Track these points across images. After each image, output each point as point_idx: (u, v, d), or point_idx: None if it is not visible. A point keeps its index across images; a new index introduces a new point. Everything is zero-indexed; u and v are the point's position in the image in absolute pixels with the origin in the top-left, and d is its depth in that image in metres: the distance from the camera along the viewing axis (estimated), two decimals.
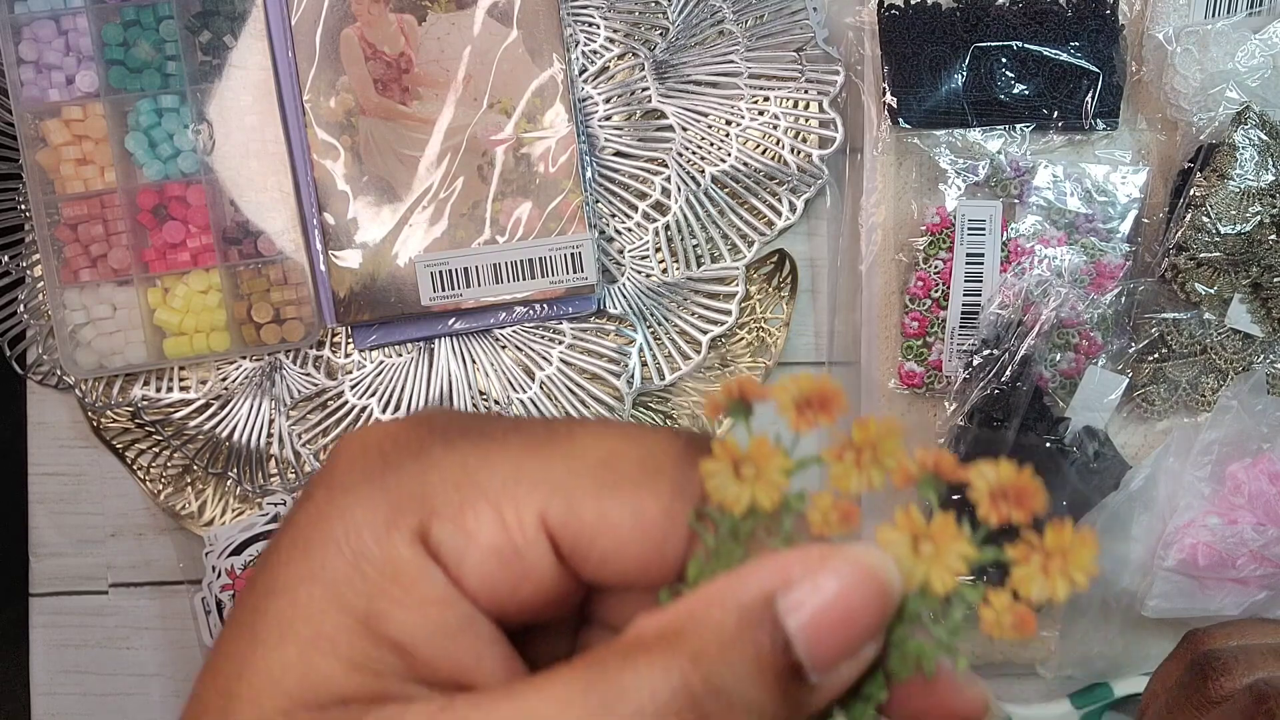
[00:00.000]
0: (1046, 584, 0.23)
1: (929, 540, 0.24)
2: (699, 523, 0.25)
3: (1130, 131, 0.58)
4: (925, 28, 0.57)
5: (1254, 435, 0.56)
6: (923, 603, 0.24)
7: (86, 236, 0.57)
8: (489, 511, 0.24)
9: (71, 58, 0.58)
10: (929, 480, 0.25)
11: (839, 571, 0.23)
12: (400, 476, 0.25)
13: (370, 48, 0.57)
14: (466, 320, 0.59)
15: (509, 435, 0.26)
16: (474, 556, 0.24)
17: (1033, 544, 0.23)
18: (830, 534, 0.24)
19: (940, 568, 0.24)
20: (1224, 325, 0.57)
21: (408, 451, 0.25)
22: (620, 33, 0.59)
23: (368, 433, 0.26)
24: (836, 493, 0.25)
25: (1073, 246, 0.57)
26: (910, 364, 0.58)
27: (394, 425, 0.26)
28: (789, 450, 0.25)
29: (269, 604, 0.24)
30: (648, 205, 0.59)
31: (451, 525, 0.24)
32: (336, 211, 0.57)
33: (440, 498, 0.25)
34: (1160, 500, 0.56)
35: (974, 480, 0.24)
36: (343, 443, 0.27)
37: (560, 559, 0.25)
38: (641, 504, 0.25)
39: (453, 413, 0.28)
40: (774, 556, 0.23)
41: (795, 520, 0.25)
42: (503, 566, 0.25)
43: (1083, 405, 0.56)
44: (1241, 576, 0.56)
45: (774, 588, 0.23)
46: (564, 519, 0.25)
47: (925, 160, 0.58)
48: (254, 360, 0.59)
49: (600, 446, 0.25)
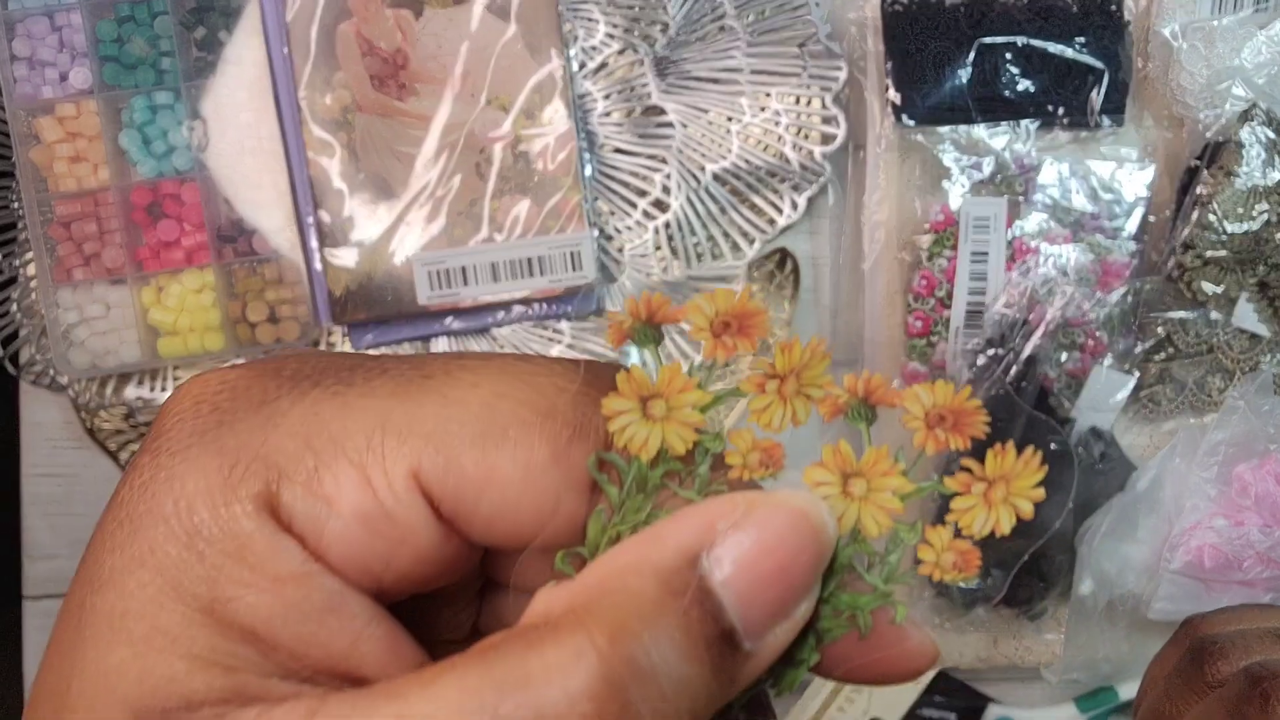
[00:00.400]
0: (989, 515, 0.21)
1: (860, 477, 0.22)
2: (601, 472, 0.22)
3: (1136, 128, 0.58)
4: (929, 23, 0.57)
5: (1261, 436, 0.55)
6: (855, 548, 0.22)
7: (80, 235, 0.57)
8: (349, 470, 0.21)
9: (65, 54, 0.57)
10: (859, 408, 0.22)
11: (768, 520, 0.20)
12: (238, 434, 0.21)
13: (366, 44, 0.57)
14: (464, 320, 0.58)
15: (372, 379, 0.22)
16: (335, 524, 0.21)
17: (973, 472, 0.21)
18: (752, 478, 0.22)
19: (873, 507, 0.21)
20: (1231, 325, 0.57)
21: (247, 403, 0.22)
22: (620, 28, 0.58)
23: (200, 382, 0.22)
24: (758, 429, 0.22)
25: (1078, 245, 0.56)
26: (914, 364, 0.57)
27: (235, 372, 0.22)
28: (704, 381, 0.22)
29: (96, 598, 0.20)
30: (648, 203, 0.59)
31: (304, 489, 0.21)
32: (332, 209, 0.57)
33: (289, 457, 0.21)
34: (1166, 502, 0.56)
35: (908, 404, 0.22)
36: (173, 397, 0.23)
37: (440, 520, 0.22)
38: (532, 452, 0.21)
39: (307, 353, 0.24)
40: (692, 509, 0.20)
41: (711, 463, 0.22)
42: (371, 533, 0.21)
43: (1089, 405, 0.56)
44: (1248, 579, 0.56)
45: (697, 545, 0.20)
46: (441, 474, 0.21)
47: (929, 157, 0.57)
48: (249, 360, 0.59)
49: (482, 387, 0.22)
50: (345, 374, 0.22)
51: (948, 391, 0.22)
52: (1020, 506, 0.21)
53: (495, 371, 0.22)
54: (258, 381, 0.22)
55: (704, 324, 0.22)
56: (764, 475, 0.22)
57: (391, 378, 0.22)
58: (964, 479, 0.21)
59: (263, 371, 0.22)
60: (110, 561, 0.21)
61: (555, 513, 0.22)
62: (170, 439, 0.21)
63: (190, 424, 0.22)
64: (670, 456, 0.22)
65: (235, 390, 0.22)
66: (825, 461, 0.22)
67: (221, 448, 0.21)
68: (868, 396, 0.22)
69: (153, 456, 0.21)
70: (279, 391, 0.22)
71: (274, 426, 0.21)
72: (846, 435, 0.23)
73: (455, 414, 0.22)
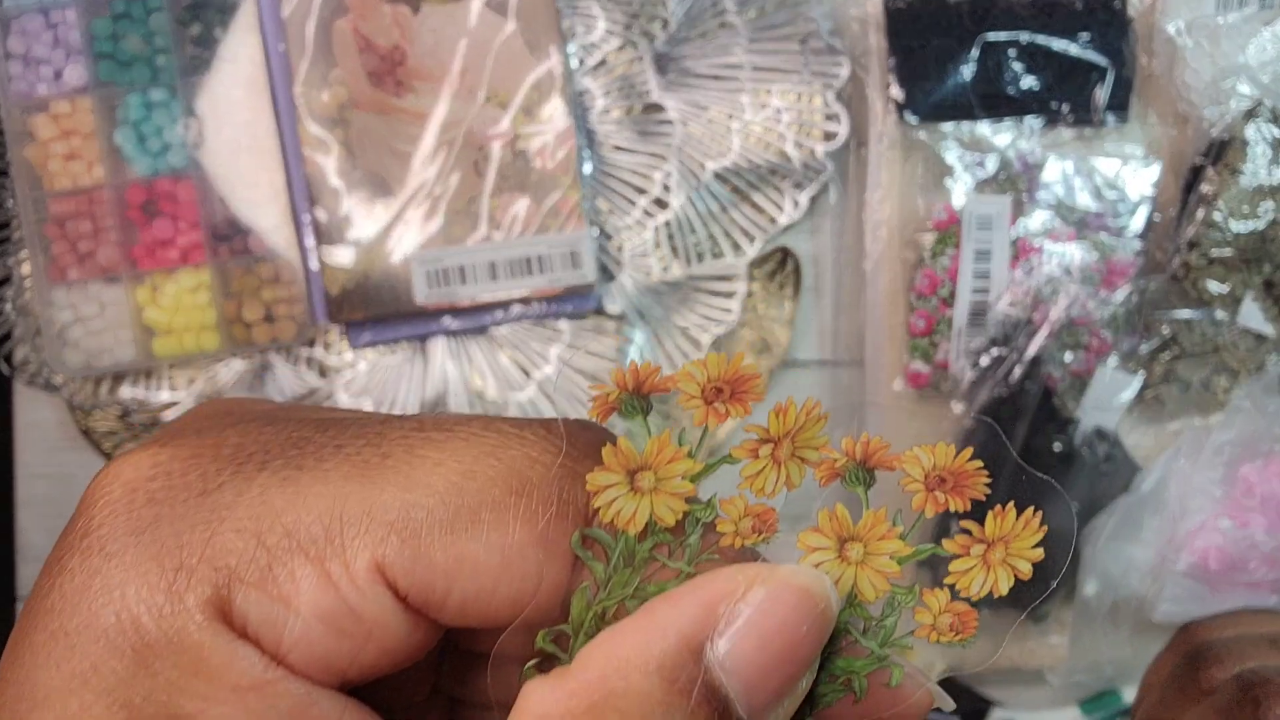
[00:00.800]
0: (988, 577, 0.21)
1: (857, 542, 0.21)
2: (585, 549, 0.21)
3: (1141, 126, 0.58)
4: (932, 20, 0.57)
5: (1267, 436, 0.55)
6: (851, 612, 0.21)
7: (74, 233, 0.57)
8: (307, 566, 0.19)
9: (60, 51, 0.57)
10: (857, 472, 0.22)
11: (772, 602, 0.19)
12: (179, 531, 0.19)
13: (364, 40, 0.56)
14: (462, 319, 0.58)
15: (325, 460, 0.20)
16: (295, 626, 0.19)
17: (972, 534, 0.21)
18: (744, 544, 0.21)
19: (870, 571, 0.21)
20: (1236, 324, 0.56)
21: (186, 492, 0.20)
22: (620, 24, 0.58)
23: (130, 465, 0.20)
24: (750, 496, 0.22)
25: (1083, 243, 0.56)
26: (917, 363, 0.57)
27: (167, 452, 0.20)
28: (694, 450, 0.22)
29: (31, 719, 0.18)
30: (648, 201, 0.58)
31: (258, 591, 0.19)
32: (329, 207, 0.56)
33: (239, 556, 0.19)
34: (1171, 503, 0.56)
35: (908, 467, 0.21)
36: (98, 483, 0.20)
37: (408, 609, 0.20)
38: (507, 535, 0.20)
39: (248, 427, 0.21)
40: (690, 589, 0.19)
41: (702, 532, 0.22)
42: (335, 632, 0.20)
43: (1093, 405, 0.56)
44: (1254, 580, 0.55)
45: (699, 633, 0.19)
46: (408, 566, 0.20)
47: (932, 155, 0.57)
48: (244, 359, 0.58)
49: (447, 465, 0.20)
50: (294, 454, 0.20)
51: (948, 453, 0.21)
52: (1019, 567, 0.21)
53: (461, 446, 0.21)
54: (195, 465, 0.20)
55: (695, 391, 0.21)
56: (756, 541, 0.21)
57: (346, 457, 0.20)
58: (963, 541, 0.21)
59: (200, 452, 0.20)
60: (45, 680, 0.19)
61: (535, 593, 0.21)
62: (103, 537, 0.19)
63: (124, 519, 0.20)
64: (659, 529, 0.21)
65: (171, 477, 0.20)
66: (821, 526, 0.21)
67: (162, 548, 0.19)
68: (865, 460, 0.22)
69: (84, 557, 0.19)
70: (220, 477, 0.20)
71: (219, 521, 0.19)
72: (843, 498, 0.22)
73: (419, 499, 0.20)
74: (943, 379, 0.57)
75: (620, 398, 0.22)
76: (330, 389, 0.58)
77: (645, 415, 0.22)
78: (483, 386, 0.58)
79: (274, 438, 0.21)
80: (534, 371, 0.58)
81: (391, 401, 0.58)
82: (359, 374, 0.58)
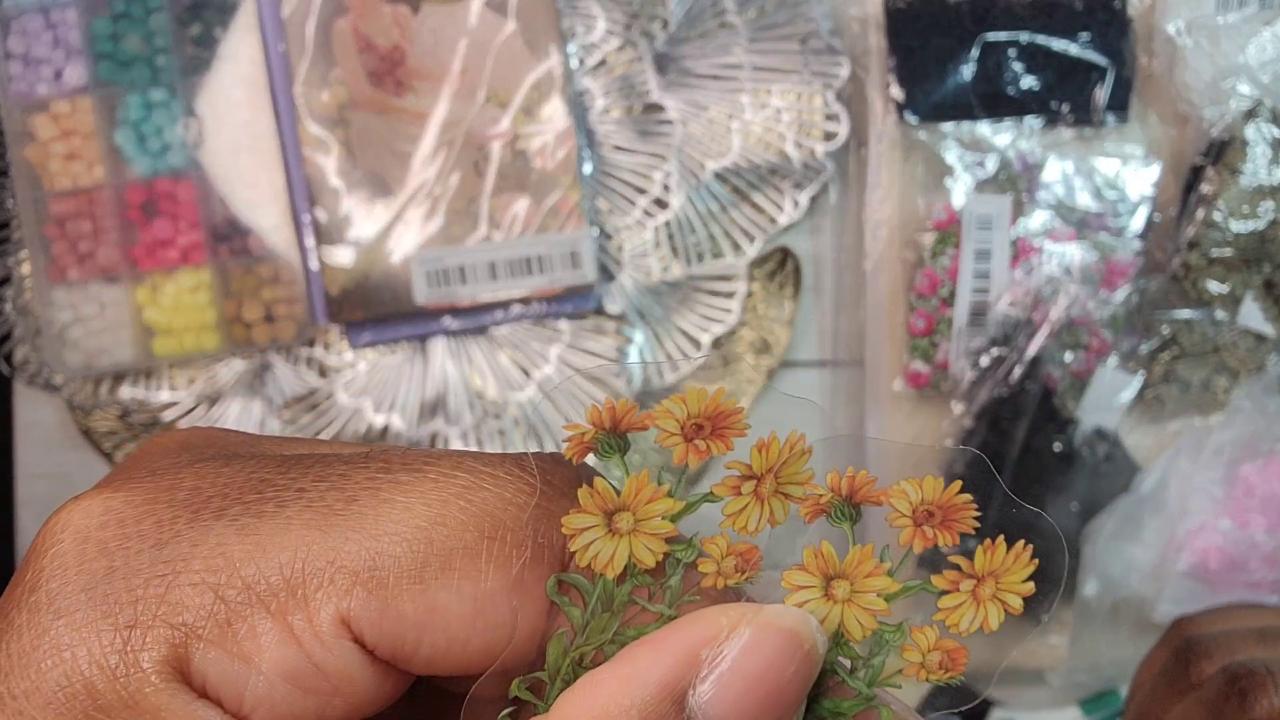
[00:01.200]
0: (977, 613, 0.21)
1: (843, 579, 0.21)
2: (561, 595, 0.20)
3: (1141, 126, 0.58)
4: (932, 20, 0.57)
5: (1267, 436, 0.55)
6: (838, 651, 0.21)
7: (74, 233, 0.57)
8: (268, 622, 0.18)
9: (60, 51, 0.57)
10: (842, 508, 0.21)
11: (756, 647, 0.18)
12: (134, 586, 0.18)
13: (364, 40, 0.56)
14: (462, 319, 0.58)
15: (286, 506, 0.19)
16: (258, 684, 0.18)
17: (962, 569, 0.21)
18: (728, 584, 0.21)
19: (857, 609, 0.20)
20: (1236, 324, 0.56)
21: (140, 542, 0.19)
22: (620, 24, 0.58)
23: (80, 512, 0.19)
24: (733, 534, 0.21)
25: (1083, 243, 0.56)
26: (917, 363, 0.57)
27: (120, 497, 0.19)
28: (675, 489, 0.21)
29: None
30: (647, 201, 0.58)
31: (217, 648, 0.18)
32: (329, 207, 0.56)
33: (196, 612, 0.18)
34: (1171, 503, 0.56)
35: (895, 502, 0.21)
36: (47, 531, 0.19)
37: (375, 661, 0.19)
38: (480, 583, 0.19)
39: (204, 469, 0.20)
40: (671, 633, 0.18)
41: (683, 573, 0.21)
42: (300, 690, 0.19)
43: (1093, 405, 0.56)
44: (1254, 580, 0.55)
45: (681, 681, 0.18)
46: (375, 619, 0.19)
47: (932, 155, 0.57)
48: (244, 359, 0.58)
49: (415, 511, 0.19)
50: (253, 500, 0.19)
51: (936, 487, 0.21)
52: (1009, 602, 0.21)
53: (430, 488, 0.19)
54: (150, 512, 0.19)
55: (674, 429, 0.21)
56: (740, 581, 0.21)
57: (309, 503, 0.19)
58: (952, 576, 0.21)
59: (154, 497, 0.19)
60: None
61: (509, 640, 0.20)
62: (52, 593, 0.18)
63: (74, 573, 0.18)
64: (638, 571, 0.21)
65: (124, 525, 0.19)
66: (806, 564, 0.21)
67: (114, 604, 0.18)
68: (851, 495, 0.21)
69: (31, 614, 0.18)
70: (175, 526, 0.19)
71: (175, 574, 0.18)
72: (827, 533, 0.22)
73: (386, 547, 0.19)
74: (943, 379, 0.57)
75: (596, 437, 0.21)
76: (330, 389, 0.58)
77: (623, 454, 0.21)
78: (483, 386, 0.58)
79: (232, 480, 0.20)
80: (534, 371, 0.58)
81: (391, 401, 0.58)
82: (359, 374, 0.58)
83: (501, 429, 0.58)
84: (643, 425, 0.21)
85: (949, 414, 0.57)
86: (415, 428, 0.58)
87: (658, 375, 0.59)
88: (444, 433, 0.58)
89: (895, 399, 0.58)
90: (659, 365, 0.59)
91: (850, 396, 0.60)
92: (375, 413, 0.58)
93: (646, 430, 0.21)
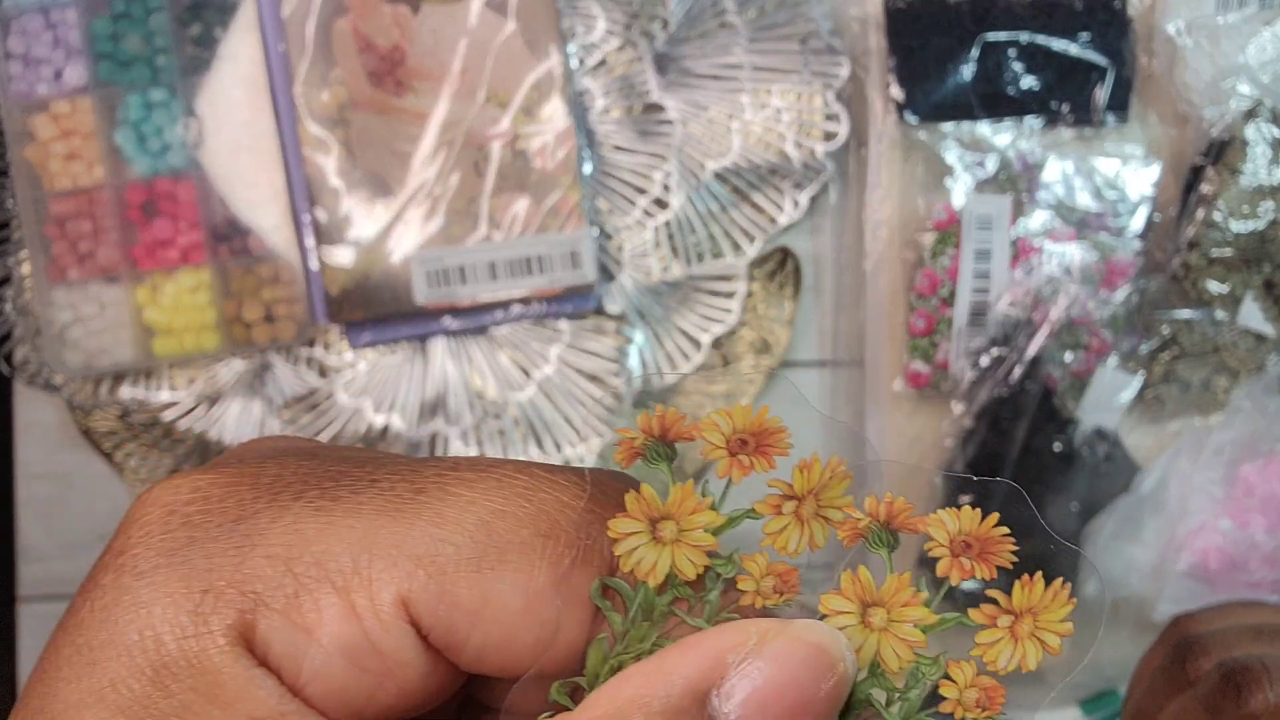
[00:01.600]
0: (1015, 650, 0.20)
1: (880, 607, 0.21)
2: (604, 599, 0.21)
3: (1141, 126, 0.58)
4: (932, 19, 0.57)
5: (1267, 436, 0.55)
6: (873, 682, 0.21)
7: (74, 233, 0.57)
8: (333, 597, 0.19)
9: (60, 51, 0.57)
10: (880, 534, 0.21)
11: (782, 655, 0.19)
12: (211, 555, 0.19)
13: (363, 40, 0.56)
14: (462, 319, 0.58)
15: (360, 493, 0.20)
16: (316, 657, 0.19)
17: (999, 604, 0.21)
18: (765, 605, 0.21)
19: (893, 639, 0.20)
20: (1236, 324, 0.56)
21: (221, 517, 0.20)
22: (620, 24, 0.58)
23: (170, 488, 0.21)
24: (773, 553, 0.21)
25: (1083, 243, 0.56)
26: (917, 363, 0.57)
27: (207, 478, 0.21)
28: (718, 502, 0.21)
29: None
30: (647, 201, 0.58)
31: (282, 618, 0.19)
32: (329, 207, 0.56)
33: (267, 582, 0.19)
34: (1171, 503, 0.56)
35: (933, 531, 0.21)
36: (138, 504, 0.21)
37: (428, 649, 0.20)
38: (532, 577, 0.20)
39: (287, 459, 0.21)
40: (700, 638, 0.19)
41: (723, 589, 0.21)
42: (355, 667, 0.20)
43: (1093, 405, 0.56)
44: (1254, 580, 0.55)
45: (705, 681, 0.19)
46: (433, 602, 0.20)
47: (932, 155, 0.57)
48: (244, 359, 0.58)
49: (478, 504, 0.20)
50: (329, 486, 0.20)
51: (974, 518, 0.21)
52: (1048, 641, 0.21)
53: (494, 485, 0.21)
54: (233, 492, 0.20)
55: (720, 441, 0.21)
56: (778, 603, 0.21)
57: (380, 492, 0.20)
58: (990, 611, 0.21)
59: (239, 479, 0.21)
60: (65, 693, 0.19)
61: (553, 641, 0.21)
62: (136, 557, 0.20)
63: (158, 541, 0.20)
64: (679, 582, 0.21)
65: (208, 501, 0.20)
66: (844, 589, 0.21)
67: (191, 571, 0.19)
68: (889, 521, 0.21)
69: (116, 575, 0.20)
70: (256, 505, 0.20)
71: (251, 547, 0.20)
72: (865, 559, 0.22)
73: (449, 535, 0.20)
74: (943, 379, 0.57)
75: (645, 443, 0.22)
76: (330, 389, 0.58)
77: (670, 462, 0.22)
78: (483, 386, 0.58)
79: (311, 471, 0.21)
80: (534, 371, 0.58)
81: (391, 401, 0.58)
82: (359, 374, 0.58)
83: (501, 429, 0.58)
84: (690, 435, 0.22)
85: (949, 414, 0.57)
86: (415, 428, 0.58)
87: (657, 375, 0.59)
88: (444, 433, 0.58)
89: (895, 399, 0.58)
90: (657, 365, 0.59)
91: (850, 396, 0.60)
92: (375, 413, 0.58)
93: (693, 440, 0.22)
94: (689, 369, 0.59)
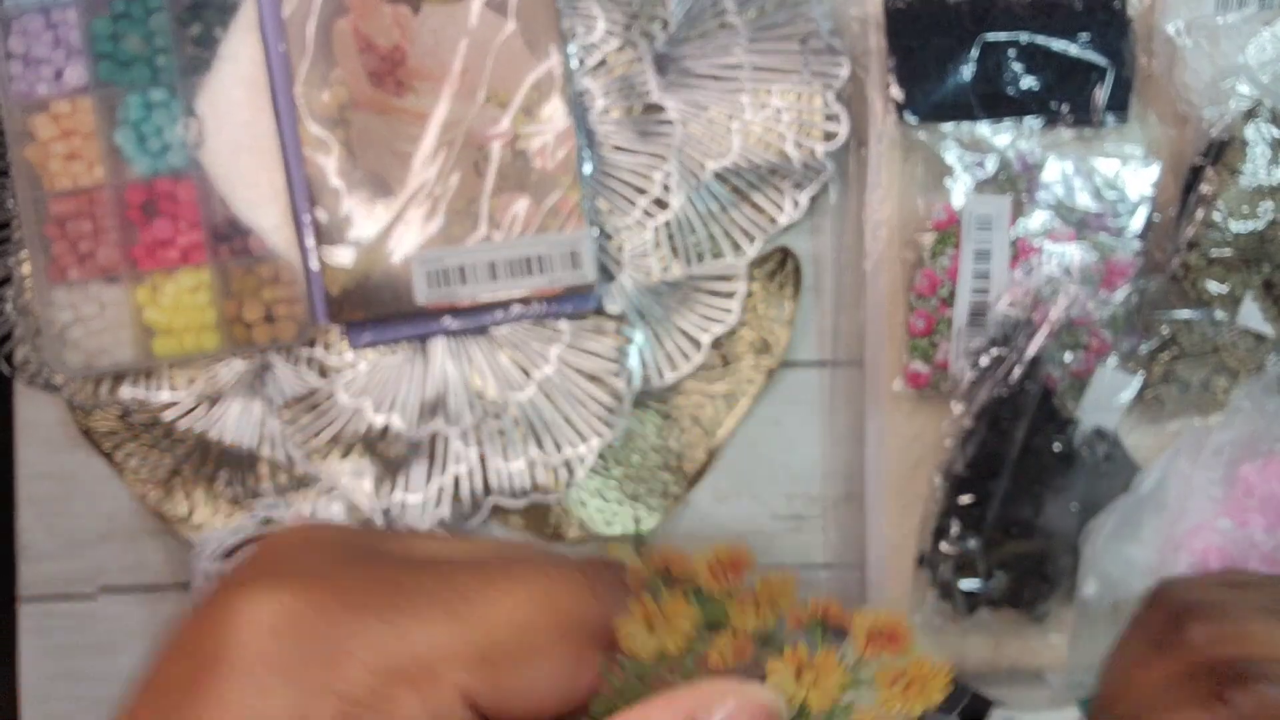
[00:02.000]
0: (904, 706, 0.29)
1: (811, 670, 0.28)
2: (609, 671, 0.29)
3: (1140, 126, 0.58)
4: (932, 20, 0.57)
5: (1266, 436, 0.55)
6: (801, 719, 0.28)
7: (74, 233, 0.57)
8: (409, 693, 0.26)
9: (60, 51, 0.57)
10: (816, 625, 0.31)
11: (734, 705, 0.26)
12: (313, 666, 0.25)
13: (364, 40, 0.56)
14: (462, 319, 0.58)
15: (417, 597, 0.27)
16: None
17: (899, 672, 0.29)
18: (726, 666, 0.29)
19: (819, 691, 0.28)
20: (1236, 324, 0.56)
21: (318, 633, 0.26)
22: (619, 25, 0.58)
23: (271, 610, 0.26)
24: (736, 631, 0.30)
25: (1082, 243, 0.56)
26: (916, 363, 0.57)
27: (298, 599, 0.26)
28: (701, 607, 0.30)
29: None
30: (647, 201, 0.58)
31: (370, 713, 0.25)
32: (329, 207, 0.56)
33: (358, 685, 0.25)
34: (1171, 503, 0.56)
35: (855, 625, 0.30)
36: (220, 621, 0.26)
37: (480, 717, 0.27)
38: (562, 664, 0.28)
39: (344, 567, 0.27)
40: (677, 695, 0.26)
41: (696, 658, 0.29)
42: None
43: (1093, 405, 0.56)
44: None
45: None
46: (489, 692, 0.27)
47: (931, 155, 0.57)
48: (245, 359, 0.58)
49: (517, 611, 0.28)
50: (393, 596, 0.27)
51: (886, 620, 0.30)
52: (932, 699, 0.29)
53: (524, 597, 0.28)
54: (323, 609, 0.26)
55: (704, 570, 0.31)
56: (736, 664, 0.29)
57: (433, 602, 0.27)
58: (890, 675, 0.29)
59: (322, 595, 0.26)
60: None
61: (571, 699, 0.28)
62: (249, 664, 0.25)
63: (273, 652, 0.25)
64: (667, 657, 0.29)
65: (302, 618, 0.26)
66: (785, 656, 0.29)
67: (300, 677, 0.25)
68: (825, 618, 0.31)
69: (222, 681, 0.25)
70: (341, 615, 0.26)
71: (343, 655, 0.26)
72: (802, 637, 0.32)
73: (498, 637, 0.27)
74: (943, 379, 0.57)
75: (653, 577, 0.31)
76: (330, 389, 0.58)
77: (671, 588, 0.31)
78: (483, 386, 0.58)
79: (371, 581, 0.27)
80: (534, 371, 0.58)
81: (391, 401, 0.58)
82: (359, 374, 0.58)
83: (501, 429, 0.58)
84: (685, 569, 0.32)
85: (949, 414, 0.57)
86: (415, 427, 0.58)
87: (657, 375, 0.59)
88: (444, 432, 0.58)
89: (895, 399, 0.58)
90: (657, 365, 0.59)
91: (850, 396, 0.60)
92: (375, 413, 0.58)
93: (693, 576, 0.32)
94: (689, 369, 0.59)
